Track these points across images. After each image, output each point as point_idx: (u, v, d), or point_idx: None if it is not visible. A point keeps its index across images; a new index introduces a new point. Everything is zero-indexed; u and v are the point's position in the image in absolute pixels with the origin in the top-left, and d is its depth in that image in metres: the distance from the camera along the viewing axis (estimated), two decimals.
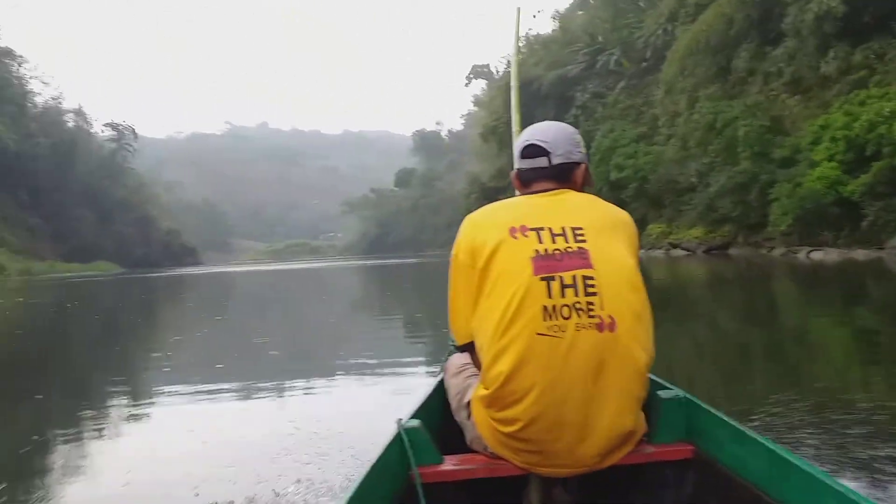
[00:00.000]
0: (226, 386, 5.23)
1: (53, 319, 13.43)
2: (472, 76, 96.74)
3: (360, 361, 6.04)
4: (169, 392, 5.15)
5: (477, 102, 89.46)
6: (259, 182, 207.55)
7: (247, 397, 4.80)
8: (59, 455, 3.59)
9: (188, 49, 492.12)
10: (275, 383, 5.26)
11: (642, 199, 32.32)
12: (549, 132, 1.81)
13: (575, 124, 40.45)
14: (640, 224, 33.16)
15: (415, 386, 4.44)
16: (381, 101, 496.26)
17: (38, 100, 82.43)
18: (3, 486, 3.03)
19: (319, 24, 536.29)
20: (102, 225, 79.66)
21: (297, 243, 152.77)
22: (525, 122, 2.61)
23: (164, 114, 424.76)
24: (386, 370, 5.53)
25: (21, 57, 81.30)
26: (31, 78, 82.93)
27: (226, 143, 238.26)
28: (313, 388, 5.06)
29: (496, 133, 49.26)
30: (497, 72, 74.20)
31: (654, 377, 1.79)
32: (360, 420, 3.79)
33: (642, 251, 31.34)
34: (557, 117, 42.58)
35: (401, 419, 1.74)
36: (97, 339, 9.72)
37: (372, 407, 4.14)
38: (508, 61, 53.97)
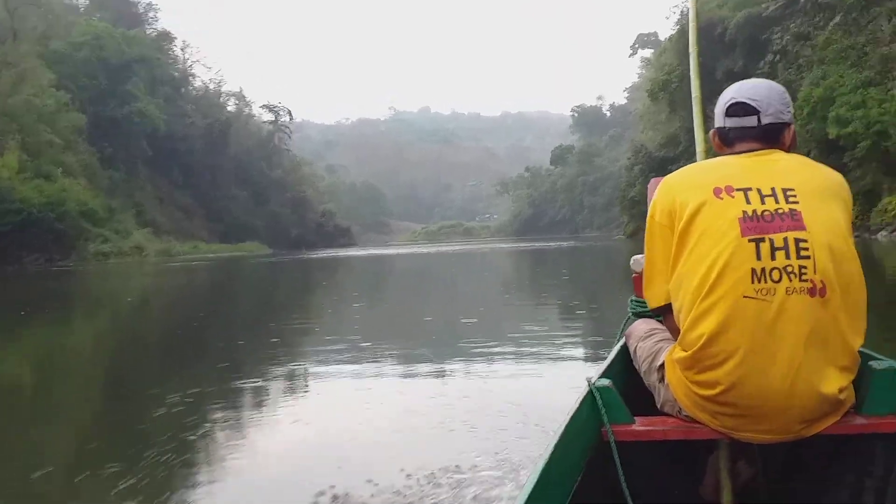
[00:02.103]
0: (395, 361, 5.59)
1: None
2: (637, 46, 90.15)
3: (524, 340, 6.15)
4: (342, 369, 5.34)
5: (644, 64, 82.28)
6: (418, 164, 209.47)
7: (417, 373, 5.06)
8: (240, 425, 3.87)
9: (357, 38, 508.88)
10: (443, 359, 5.49)
11: (873, 163, 24.16)
12: (758, 90, 1.73)
13: (770, 74, 32.53)
14: (870, 197, 25.12)
15: (582, 364, 5.00)
16: (540, 80, 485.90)
17: (198, 83, 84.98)
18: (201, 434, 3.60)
19: (477, 7, 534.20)
20: (257, 205, 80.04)
21: (450, 224, 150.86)
22: (705, 75, 2.53)
23: (333, 101, 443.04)
24: (550, 349, 5.67)
25: (184, 42, 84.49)
26: (193, 62, 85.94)
27: (389, 127, 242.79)
28: (481, 364, 5.18)
29: (667, 90, 41.92)
30: (664, 39, 66.11)
31: (864, 350, 1.66)
32: (533, 394, 4.12)
33: (866, 234, 23.76)
34: (747, 67, 34.32)
35: (590, 378, 1.74)
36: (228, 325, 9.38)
37: (543, 383, 4.47)
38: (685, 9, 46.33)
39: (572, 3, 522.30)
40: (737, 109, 1.72)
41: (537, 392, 4.24)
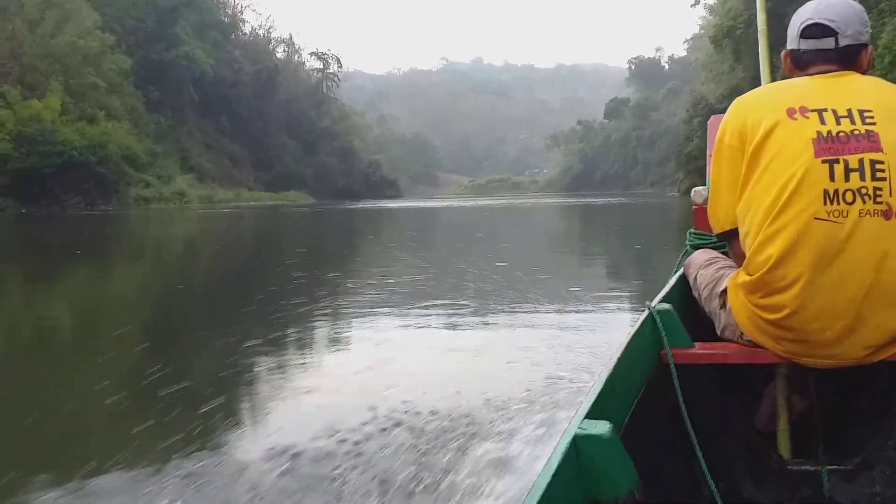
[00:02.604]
0: (462, 306, 5.69)
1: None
2: None
3: (575, 291, 6.29)
4: (393, 311, 5.61)
5: (707, 13, 78.26)
6: (469, 117, 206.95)
7: (463, 320, 5.20)
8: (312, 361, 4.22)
9: None
10: (497, 305, 5.75)
11: None
12: (836, 9, 1.68)
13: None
14: None
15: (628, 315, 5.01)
16: (596, 31, 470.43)
17: (247, 28, 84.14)
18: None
19: None
20: (305, 154, 79.53)
21: (499, 178, 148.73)
22: (775, 21, 2.45)
23: (385, 51, 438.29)
24: (602, 300, 5.93)
25: None
26: (244, 7, 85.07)
27: (441, 77, 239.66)
28: (529, 313, 5.38)
29: (732, 37, 39.07)
30: None
31: None
32: (592, 328, 4.54)
33: None
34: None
35: (649, 303, 1.74)
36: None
37: (600, 321, 4.84)
38: None
39: None
40: (813, 31, 1.67)
41: (595, 326, 4.64)
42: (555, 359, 3.72)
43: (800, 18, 1.70)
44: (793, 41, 1.71)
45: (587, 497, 1.11)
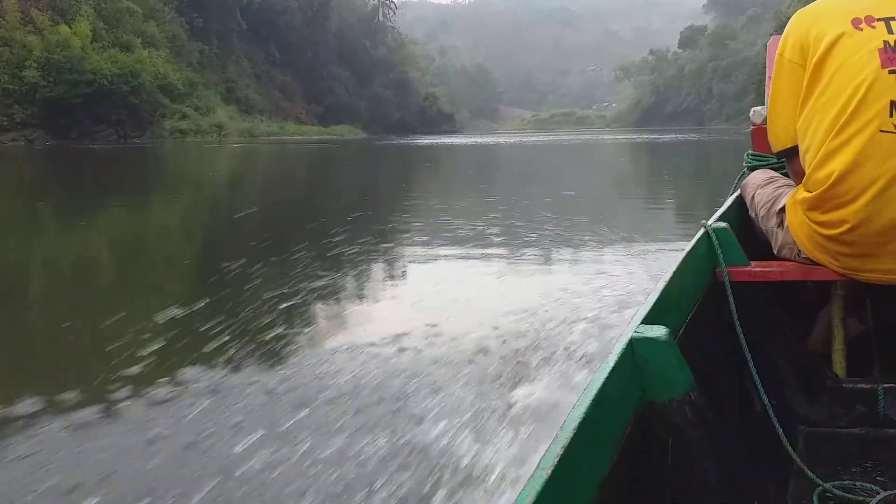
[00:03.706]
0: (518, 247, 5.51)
1: None
2: None
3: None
4: (450, 251, 5.41)
5: None
6: (534, 48, 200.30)
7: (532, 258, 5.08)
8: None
9: None
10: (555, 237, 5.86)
11: None
12: None
13: None
14: None
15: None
16: None
17: None
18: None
19: None
20: (358, 86, 76.63)
21: (562, 112, 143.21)
22: None
23: None
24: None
25: None
26: None
27: (507, 6, 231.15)
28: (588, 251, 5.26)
29: None
30: None
31: None
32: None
33: None
34: None
35: (704, 221, 1.73)
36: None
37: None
38: None
39: None
40: None
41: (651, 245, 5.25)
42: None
43: None
44: None
45: (643, 397, 1.12)
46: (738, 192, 2.12)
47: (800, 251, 1.65)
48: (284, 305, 3.65)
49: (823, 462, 1.45)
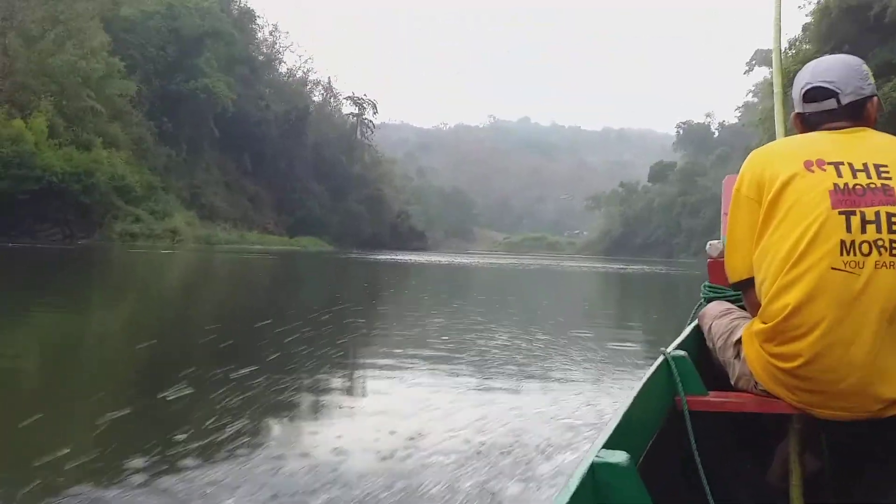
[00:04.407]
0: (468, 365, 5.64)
1: None
2: (754, 62, 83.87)
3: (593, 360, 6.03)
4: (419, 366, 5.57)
5: (761, 84, 74.09)
6: (512, 174, 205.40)
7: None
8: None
9: (461, 47, 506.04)
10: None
11: None
12: (833, 70, 1.71)
13: None
14: None
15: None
16: (644, 97, 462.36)
17: (283, 69, 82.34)
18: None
19: (578, 18, 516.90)
20: (332, 200, 76.23)
21: (534, 237, 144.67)
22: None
23: (433, 107, 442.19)
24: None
25: (274, 25, 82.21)
26: (284, 48, 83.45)
27: (487, 134, 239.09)
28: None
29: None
30: (791, 50, 58.05)
31: None
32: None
33: None
34: None
35: (664, 349, 1.75)
36: None
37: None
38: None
39: (681, 19, 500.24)
40: (814, 94, 1.70)
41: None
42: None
43: (800, 82, 1.72)
44: (798, 105, 1.73)
45: None
46: (696, 321, 2.15)
47: (757, 383, 1.66)
48: None
49: None
